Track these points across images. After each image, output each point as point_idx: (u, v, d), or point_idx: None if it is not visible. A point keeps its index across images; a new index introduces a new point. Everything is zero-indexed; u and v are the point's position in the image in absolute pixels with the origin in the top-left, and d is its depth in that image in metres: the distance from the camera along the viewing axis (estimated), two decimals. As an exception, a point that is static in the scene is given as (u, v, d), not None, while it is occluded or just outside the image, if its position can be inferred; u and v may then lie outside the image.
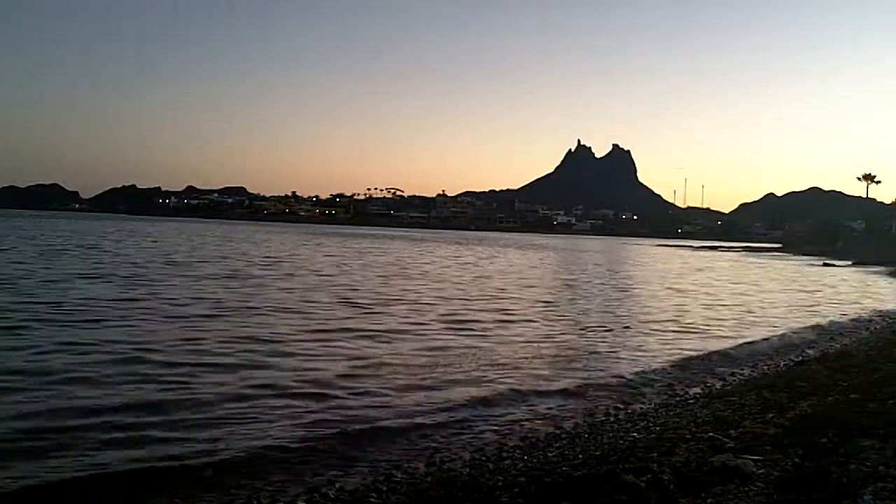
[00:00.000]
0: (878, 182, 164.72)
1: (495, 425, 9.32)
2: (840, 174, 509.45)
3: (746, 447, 6.94)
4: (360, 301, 22.27)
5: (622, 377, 12.59)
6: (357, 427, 8.84)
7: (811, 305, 27.95)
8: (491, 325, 18.26)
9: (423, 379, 11.65)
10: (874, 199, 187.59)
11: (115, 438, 7.93)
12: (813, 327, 20.47)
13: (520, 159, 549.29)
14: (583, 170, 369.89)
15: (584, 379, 12.27)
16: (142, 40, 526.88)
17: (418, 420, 9.31)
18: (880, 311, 25.56)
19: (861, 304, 29.09)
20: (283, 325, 16.56)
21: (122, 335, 14.14)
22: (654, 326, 19.56)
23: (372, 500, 6.47)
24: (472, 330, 17.27)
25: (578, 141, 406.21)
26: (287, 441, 8.17)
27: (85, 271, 27.83)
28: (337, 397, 10.27)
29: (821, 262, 71.51)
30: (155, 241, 59.28)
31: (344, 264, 41.51)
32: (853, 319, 22.80)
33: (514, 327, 18.17)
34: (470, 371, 12.49)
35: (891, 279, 47.40)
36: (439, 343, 15.15)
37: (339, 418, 9.21)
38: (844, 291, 36.31)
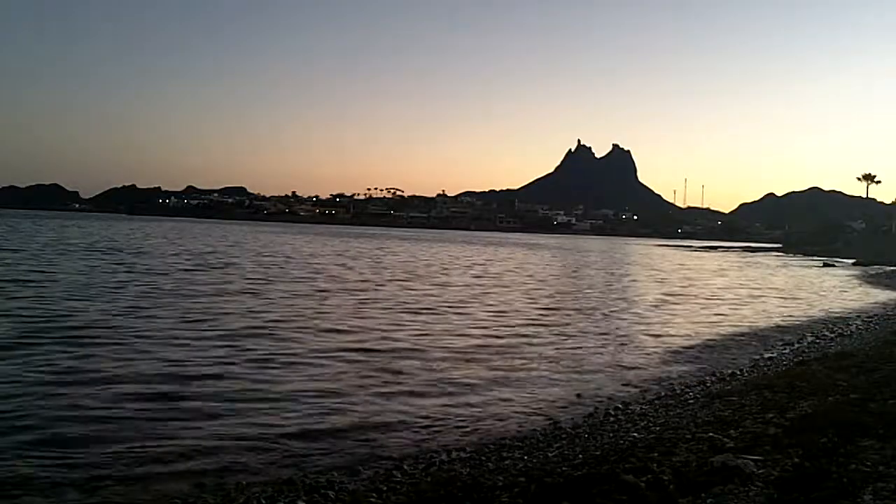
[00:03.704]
0: (878, 182, 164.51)
1: (495, 425, 9.32)
2: (840, 174, 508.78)
3: (746, 447, 6.93)
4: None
5: (622, 377, 12.60)
6: (357, 427, 8.85)
7: (809, 305, 27.94)
8: (492, 324, 18.29)
9: (423, 381, 11.65)
10: (874, 199, 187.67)
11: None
12: (812, 328, 20.46)
13: (520, 159, 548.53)
14: (583, 170, 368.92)
15: (586, 379, 12.29)
16: (142, 41, 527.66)
17: (418, 420, 9.32)
18: (878, 311, 25.54)
19: (859, 304, 29.07)
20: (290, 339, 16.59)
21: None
22: (655, 327, 19.57)
23: (372, 500, 6.46)
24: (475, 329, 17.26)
25: (578, 141, 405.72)
26: (288, 441, 8.18)
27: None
28: (336, 397, 10.29)
29: (820, 263, 71.51)
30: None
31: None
32: (851, 319, 22.78)
33: (519, 328, 18.19)
34: (471, 372, 12.50)
35: (890, 279, 47.32)
36: (438, 343, 15.15)
37: (338, 418, 9.23)
38: (842, 291, 36.28)
